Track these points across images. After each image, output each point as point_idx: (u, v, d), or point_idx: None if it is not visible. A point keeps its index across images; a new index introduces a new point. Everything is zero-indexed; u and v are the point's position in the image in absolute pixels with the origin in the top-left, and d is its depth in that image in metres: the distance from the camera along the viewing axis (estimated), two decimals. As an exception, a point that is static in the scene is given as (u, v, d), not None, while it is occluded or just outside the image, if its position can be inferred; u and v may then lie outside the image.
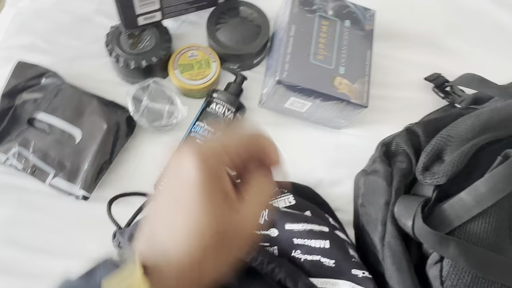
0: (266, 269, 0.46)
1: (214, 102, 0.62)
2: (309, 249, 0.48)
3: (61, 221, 0.60)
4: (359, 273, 0.48)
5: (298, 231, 0.48)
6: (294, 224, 0.48)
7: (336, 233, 0.50)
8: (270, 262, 0.46)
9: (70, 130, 0.59)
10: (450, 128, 0.51)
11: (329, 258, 0.48)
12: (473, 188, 0.45)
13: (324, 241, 0.48)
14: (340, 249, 0.48)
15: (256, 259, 0.46)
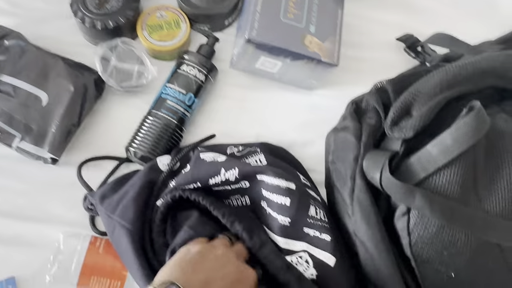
0: (227, 220, 0.48)
1: (185, 64, 0.61)
2: (271, 203, 0.49)
3: (30, 185, 0.59)
4: (310, 232, 0.49)
5: (267, 184, 0.49)
6: (264, 175, 0.49)
7: (304, 191, 0.51)
8: (231, 215, 0.48)
9: (36, 93, 0.58)
10: (418, 84, 0.52)
11: (285, 216, 0.48)
12: (439, 140, 0.45)
13: (285, 198, 0.48)
14: (299, 209, 0.49)
15: (219, 209, 0.48)
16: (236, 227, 0.47)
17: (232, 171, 0.49)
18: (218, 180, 0.49)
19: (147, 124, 0.59)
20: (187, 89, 0.60)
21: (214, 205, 0.49)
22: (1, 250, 0.56)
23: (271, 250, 0.47)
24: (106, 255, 0.53)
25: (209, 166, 0.51)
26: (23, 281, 0.55)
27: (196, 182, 0.50)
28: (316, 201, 0.52)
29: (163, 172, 0.54)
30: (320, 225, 0.49)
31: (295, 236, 0.49)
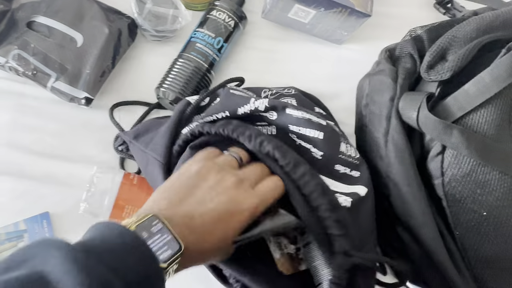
0: (255, 142, 0.44)
1: (216, 9, 0.61)
2: (302, 136, 0.48)
3: (63, 126, 0.60)
4: (341, 169, 0.48)
5: (297, 118, 0.47)
6: (294, 110, 0.48)
7: (333, 128, 0.50)
8: (258, 135, 0.45)
9: (71, 34, 0.58)
10: (454, 30, 0.52)
11: (318, 149, 0.47)
12: (477, 79, 0.46)
13: (319, 132, 0.47)
14: (331, 144, 0.48)
15: (243, 133, 0.45)
16: (266, 147, 0.44)
17: (262, 100, 0.48)
18: (247, 109, 0.48)
19: (178, 66, 0.59)
20: (216, 33, 0.60)
21: (238, 130, 0.46)
22: (34, 187, 0.57)
23: (307, 169, 0.43)
24: (140, 188, 0.54)
25: (239, 97, 0.50)
26: (56, 216, 0.56)
27: (224, 111, 0.49)
28: (346, 139, 0.52)
29: (192, 104, 0.53)
30: (351, 161, 0.49)
31: (326, 172, 0.48)
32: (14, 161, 0.57)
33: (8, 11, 0.59)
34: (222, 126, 0.47)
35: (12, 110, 0.59)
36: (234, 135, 0.46)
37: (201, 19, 0.62)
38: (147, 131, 0.54)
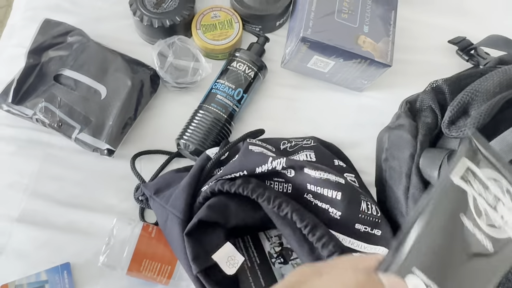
0: (273, 204, 0.46)
1: (236, 60, 0.62)
2: (319, 196, 0.48)
3: (86, 176, 0.61)
4: (361, 227, 0.48)
5: (314, 178, 0.48)
6: (312, 170, 0.48)
7: (354, 186, 0.50)
8: (277, 197, 0.46)
9: (95, 87, 0.60)
10: (476, 83, 0.51)
11: (336, 209, 0.48)
12: (501, 139, 0.44)
13: (337, 192, 0.47)
14: (351, 203, 0.48)
15: (263, 195, 0.47)
16: (285, 209, 0.46)
17: (279, 160, 0.48)
18: (265, 169, 0.49)
19: (198, 117, 0.60)
20: (236, 84, 0.61)
21: (258, 191, 0.47)
22: (56, 237, 0.58)
23: (325, 231, 0.45)
24: (158, 241, 0.54)
25: (257, 156, 0.50)
26: (77, 266, 0.56)
27: (243, 170, 0.49)
28: (367, 197, 0.52)
29: (211, 159, 0.54)
30: (371, 220, 0.49)
31: (345, 231, 0.48)
32: (39, 209, 0.59)
33: (37, 64, 0.62)
34: (241, 186, 0.48)
35: (40, 159, 0.61)
36: (254, 196, 0.48)
37: (221, 70, 0.63)
38: (167, 186, 0.55)
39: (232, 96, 0.60)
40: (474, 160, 0.29)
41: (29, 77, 0.61)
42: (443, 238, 0.28)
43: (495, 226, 0.28)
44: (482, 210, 0.28)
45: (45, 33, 0.63)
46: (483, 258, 0.28)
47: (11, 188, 0.59)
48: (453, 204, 0.28)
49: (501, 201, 0.29)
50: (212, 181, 0.51)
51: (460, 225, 0.28)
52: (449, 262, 0.27)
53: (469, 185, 0.29)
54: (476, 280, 0.28)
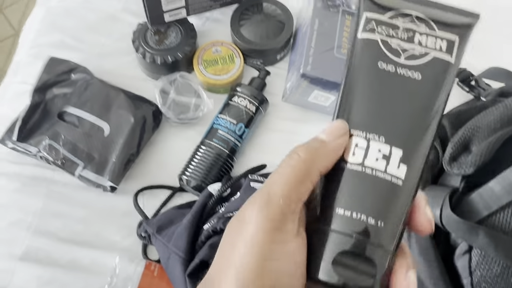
0: None
1: (237, 95, 0.63)
2: None
3: (89, 212, 0.61)
4: None
5: None
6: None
7: None
8: None
9: (98, 124, 0.61)
10: (477, 118, 0.51)
11: None
12: (503, 177, 0.44)
13: None
14: None
15: None
16: None
17: None
18: None
19: (200, 153, 0.60)
20: (238, 119, 0.61)
21: None
22: (59, 275, 0.57)
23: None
24: (160, 280, 0.54)
25: None
26: (80, 306, 0.56)
27: None
28: None
29: (213, 197, 0.54)
30: None
31: None
32: (42, 247, 0.59)
33: (42, 102, 0.63)
34: None
35: (43, 196, 0.61)
36: None
37: (223, 105, 0.64)
38: (169, 223, 0.55)
39: (233, 131, 0.61)
40: (375, 10, 0.28)
41: (34, 115, 0.62)
42: (371, 92, 0.27)
43: (416, 55, 0.27)
44: (398, 49, 0.28)
45: (50, 71, 0.64)
46: (416, 89, 0.27)
47: (15, 226, 0.60)
48: (367, 57, 0.28)
49: (414, 31, 0.28)
50: (214, 218, 0.51)
51: (383, 73, 0.27)
52: (384, 111, 0.27)
53: (376, 33, 0.28)
54: (416, 114, 0.27)
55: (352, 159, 0.26)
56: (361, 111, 0.27)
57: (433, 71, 0.27)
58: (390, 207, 0.25)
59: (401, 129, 0.26)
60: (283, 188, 0.24)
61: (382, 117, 0.26)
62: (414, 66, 0.27)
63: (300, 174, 0.25)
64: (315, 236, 0.26)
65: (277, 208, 0.24)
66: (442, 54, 0.27)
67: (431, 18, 0.28)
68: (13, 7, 1.53)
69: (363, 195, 0.25)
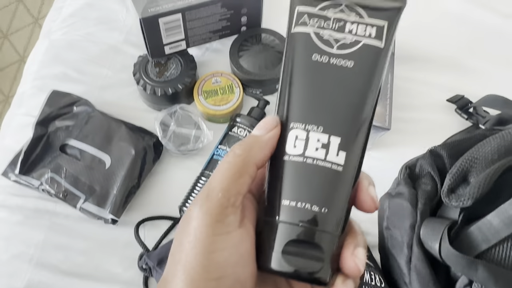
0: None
1: (237, 126, 0.63)
2: None
3: (90, 244, 0.61)
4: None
5: None
6: None
7: None
8: None
9: (100, 156, 0.62)
10: (474, 149, 0.51)
11: None
12: (501, 211, 0.44)
13: None
14: None
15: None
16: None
17: None
18: None
19: (200, 184, 0.61)
20: (238, 150, 0.62)
21: None
22: (61, 308, 0.58)
23: None
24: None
25: None
26: None
27: None
28: (370, 267, 0.51)
29: None
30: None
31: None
32: (44, 281, 0.59)
33: (44, 135, 0.64)
34: None
35: (45, 228, 0.62)
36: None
37: (223, 135, 0.64)
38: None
39: (233, 162, 0.61)
40: (306, 3, 0.29)
41: (36, 148, 0.63)
42: (307, 85, 0.28)
43: (347, 44, 0.28)
44: (330, 39, 0.28)
45: (52, 104, 0.65)
46: (349, 76, 0.27)
47: (17, 259, 0.60)
48: (301, 51, 0.28)
49: (344, 20, 0.28)
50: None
51: (317, 64, 0.28)
52: (321, 102, 0.27)
53: (308, 26, 0.28)
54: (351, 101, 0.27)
55: (294, 151, 0.27)
56: (299, 104, 0.28)
57: (364, 57, 0.28)
58: (333, 193, 0.26)
59: (338, 118, 0.27)
60: (222, 183, 0.26)
61: (319, 108, 0.27)
62: (346, 54, 0.28)
63: (237, 168, 0.26)
64: (265, 228, 0.27)
65: (216, 202, 0.25)
66: (372, 40, 0.28)
67: (360, 5, 0.29)
68: (18, 33, 1.55)
69: (306, 184, 0.26)
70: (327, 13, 0.28)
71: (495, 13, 0.79)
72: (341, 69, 0.28)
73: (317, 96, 0.27)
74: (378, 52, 0.28)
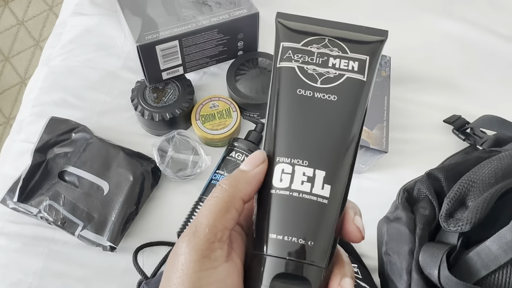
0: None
1: (234, 150, 0.64)
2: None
3: (88, 272, 0.61)
4: None
5: None
6: None
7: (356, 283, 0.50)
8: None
9: (98, 183, 0.62)
10: (472, 173, 0.51)
11: None
12: (499, 236, 0.44)
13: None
14: None
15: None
16: None
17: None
18: None
19: (198, 210, 0.61)
20: (237, 175, 0.62)
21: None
22: (59, 337, 0.57)
23: None
24: None
25: None
26: None
27: None
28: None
29: None
30: None
31: None
32: (41, 309, 0.59)
33: (43, 162, 0.64)
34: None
35: (43, 256, 0.62)
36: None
37: (220, 159, 0.64)
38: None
39: (231, 187, 0.61)
40: (291, 39, 0.30)
41: (35, 175, 0.63)
42: (292, 119, 0.28)
43: (331, 78, 0.29)
44: (314, 74, 0.29)
45: (51, 131, 0.65)
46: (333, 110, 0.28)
47: (15, 287, 0.60)
48: (286, 86, 0.29)
49: (328, 55, 0.29)
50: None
51: (302, 98, 0.28)
52: (306, 136, 0.28)
53: (293, 61, 0.29)
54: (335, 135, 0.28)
55: (280, 184, 0.27)
56: (285, 139, 0.28)
57: (347, 91, 0.28)
58: (319, 225, 0.27)
59: (322, 151, 0.28)
60: (208, 218, 0.26)
61: (304, 142, 0.28)
62: (330, 88, 0.28)
63: (224, 203, 0.26)
64: (253, 261, 0.27)
65: (203, 237, 0.25)
66: (355, 74, 0.29)
67: (342, 40, 0.29)
68: (20, 56, 1.57)
69: (292, 218, 0.27)
70: (311, 48, 0.29)
71: (490, 34, 0.80)
72: (325, 103, 0.28)
73: (302, 131, 0.28)
74: (361, 85, 0.29)
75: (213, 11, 0.66)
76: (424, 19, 0.82)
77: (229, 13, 0.66)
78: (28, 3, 1.66)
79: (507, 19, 0.82)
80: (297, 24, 0.30)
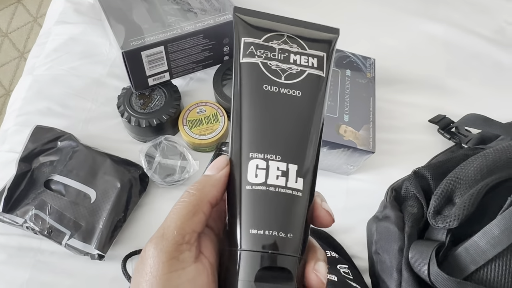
0: None
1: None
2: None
3: (76, 281, 0.60)
4: None
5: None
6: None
7: (345, 282, 0.49)
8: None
9: (85, 191, 0.61)
10: (458, 170, 0.52)
11: None
12: (486, 231, 0.44)
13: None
14: None
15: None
16: None
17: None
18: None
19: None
20: (225, 180, 0.62)
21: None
22: None
23: None
24: None
25: None
26: None
27: None
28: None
29: None
30: None
31: None
32: (29, 321, 0.57)
33: (28, 171, 0.63)
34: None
35: (30, 267, 0.60)
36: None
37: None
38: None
39: (220, 191, 0.61)
40: (251, 34, 0.30)
41: (20, 185, 0.62)
42: (262, 115, 0.28)
43: (294, 74, 0.29)
44: (277, 70, 0.29)
45: (36, 140, 0.64)
46: (298, 105, 0.29)
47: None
48: (251, 81, 0.29)
49: (289, 51, 0.30)
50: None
51: (268, 94, 0.29)
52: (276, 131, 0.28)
53: (256, 56, 0.30)
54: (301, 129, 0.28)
55: (256, 180, 0.27)
56: (256, 134, 0.28)
57: (311, 86, 0.29)
58: (296, 217, 0.27)
59: (292, 146, 0.28)
60: (176, 222, 0.26)
61: (275, 137, 0.28)
62: (294, 84, 0.29)
63: (191, 206, 0.27)
64: (232, 258, 0.27)
65: (172, 239, 0.26)
66: (315, 70, 0.30)
67: (301, 37, 0.30)
68: (4, 68, 1.55)
69: (271, 212, 0.27)
70: (272, 44, 0.30)
71: (474, 36, 0.82)
72: (291, 98, 0.29)
73: (272, 126, 0.28)
74: (321, 81, 0.30)
75: (198, 17, 0.66)
76: (408, 22, 0.83)
77: (214, 18, 0.66)
78: (12, 14, 1.64)
79: (490, 21, 0.84)
80: (256, 20, 0.31)
